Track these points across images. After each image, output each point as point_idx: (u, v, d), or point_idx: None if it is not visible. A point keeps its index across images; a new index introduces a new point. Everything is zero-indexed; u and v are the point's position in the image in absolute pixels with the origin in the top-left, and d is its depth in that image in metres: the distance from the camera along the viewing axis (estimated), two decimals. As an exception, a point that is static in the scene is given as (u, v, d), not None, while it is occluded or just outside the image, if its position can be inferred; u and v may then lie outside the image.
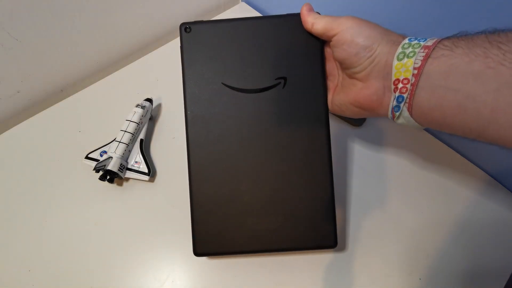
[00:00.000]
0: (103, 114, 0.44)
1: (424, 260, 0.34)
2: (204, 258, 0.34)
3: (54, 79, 0.47)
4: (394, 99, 0.22)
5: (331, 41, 0.25)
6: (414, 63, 0.20)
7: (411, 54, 0.21)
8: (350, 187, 0.38)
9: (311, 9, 0.27)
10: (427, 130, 0.43)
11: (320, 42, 0.28)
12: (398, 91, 0.21)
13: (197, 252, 0.28)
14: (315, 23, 0.26)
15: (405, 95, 0.21)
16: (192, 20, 0.29)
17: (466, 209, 0.38)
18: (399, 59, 0.21)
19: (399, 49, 0.21)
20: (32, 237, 0.35)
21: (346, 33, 0.24)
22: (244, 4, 0.59)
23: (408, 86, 0.21)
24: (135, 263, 0.34)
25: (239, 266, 0.34)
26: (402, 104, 0.22)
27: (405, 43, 0.22)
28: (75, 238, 0.35)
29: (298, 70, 0.29)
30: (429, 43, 0.21)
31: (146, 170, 0.38)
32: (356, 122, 0.43)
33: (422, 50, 0.20)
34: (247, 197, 0.28)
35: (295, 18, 0.28)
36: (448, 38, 0.20)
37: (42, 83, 0.46)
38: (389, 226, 0.36)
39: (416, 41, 0.21)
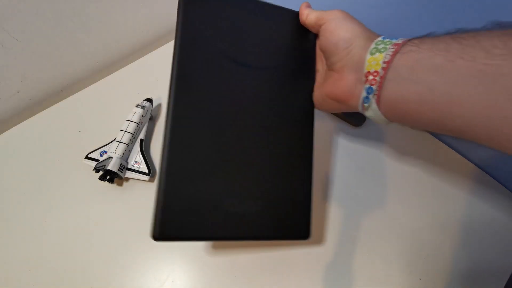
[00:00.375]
0: (103, 114, 0.44)
1: (424, 260, 0.34)
2: (204, 257, 0.34)
3: (54, 79, 0.47)
4: (364, 90, 0.23)
5: (319, 32, 0.27)
6: (384, 57, 0.22)
7: (382, 50, 0.22)
8: (349, 187, 0.38)
9: (308, 6, 0.29)
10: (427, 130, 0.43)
11: (313, 37, 0.30)
12: (368, 82, 0.23)
13: (157, 236, 0.22)
14: (309, 14, 0.28)
15: (374, 87, 0.22)
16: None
17: (466, 209, 0.38)
18: (371, 54, 0.23)
19: (373, 45, 0.23)
20: (32, 237, 0.35)
21: (331, 22, 0.26)
22: (244, 4, 0.59)
23: (377, 78, 0.22)
24: (135, 263, 0.34)
25: (239, 266, 0.34)
26: (371, 96, 0.23)
27: (379, 40, 0.23)
28: (75, 238, 0.35)
29: (292, 59, 0.29)
30: (400, 41, 0.22)
31: (146, 170, 0.38)
32: (356, 122, 0.43)
33: (392, 47, 0.22)
34: (226, 175, 0.26)
35: (296, 13, 0.29)
36: (418, 37, 0.22)
37: (42, 83, 0.46)
38: (389, 226, 0.36)
39: (388, 39, 0.23)
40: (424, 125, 0.21)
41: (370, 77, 0.22)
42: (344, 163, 0.40)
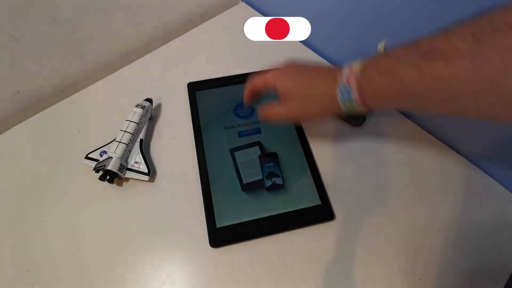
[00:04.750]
0: (103, 114, 0.44)
1: (424, 260, 0.34)
2: (204, 257, 0.34)
3: (54, 79, 0.47)
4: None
5: None
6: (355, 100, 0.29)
7: (350, 100, 0.29)
8: (349, 187, 0.38)
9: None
10: (428, 130, 0.43)
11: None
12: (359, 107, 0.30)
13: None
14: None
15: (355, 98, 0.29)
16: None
17: (466, 209, 0.38)
18: (344, 102, 0.29)
19: (342, 107, 0.29)
20: (32, 237, 0.35)
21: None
22: (244, 4, 0.59)
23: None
24: (135, 263, 0.34)
25: (239, 266, 0.34)
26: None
27: (341, 88, 0.29)
28: (75, 238, 0.35)
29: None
30: (356, 92, 0.28)
31: (146, 170, 0.38)
32: (356, 122, 0.43)
33: (355, 91, 0.28)
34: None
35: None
36: (357, 74, 0.28)
37: (42, 83, 0.46)
38: (389, 226, 0.36)
39: (347, 85, 0.28)
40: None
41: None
42: (344, 164, 0.40)
